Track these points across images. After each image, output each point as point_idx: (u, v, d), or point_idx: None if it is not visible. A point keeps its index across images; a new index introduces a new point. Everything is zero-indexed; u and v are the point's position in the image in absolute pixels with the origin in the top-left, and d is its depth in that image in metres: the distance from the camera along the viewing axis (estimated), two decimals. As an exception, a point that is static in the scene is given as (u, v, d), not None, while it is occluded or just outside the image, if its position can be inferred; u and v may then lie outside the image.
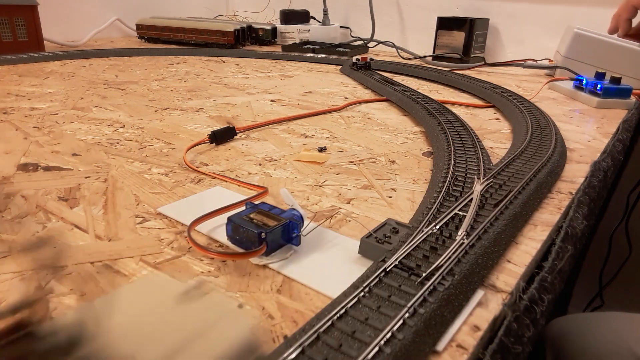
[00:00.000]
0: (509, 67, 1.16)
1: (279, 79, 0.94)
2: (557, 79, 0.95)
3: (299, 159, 0.48)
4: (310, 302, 0.26)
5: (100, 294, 0.26)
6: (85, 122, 0.59)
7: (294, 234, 0.30)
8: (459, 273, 0.26)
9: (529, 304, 0.25)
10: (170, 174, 0.43)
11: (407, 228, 0.31)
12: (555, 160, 0.45)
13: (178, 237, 0.32)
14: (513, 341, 0.23)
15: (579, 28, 0.92)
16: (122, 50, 1.19)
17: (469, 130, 0.53)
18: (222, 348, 0.20)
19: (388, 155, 0.50)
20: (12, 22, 1.01)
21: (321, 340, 0.21)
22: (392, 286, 0.25)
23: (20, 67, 0.97)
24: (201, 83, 0.87)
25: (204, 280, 0.26)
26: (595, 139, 0.58)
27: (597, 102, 0.74)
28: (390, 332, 0.21)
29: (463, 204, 0.34)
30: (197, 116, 0.64)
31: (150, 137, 0.54)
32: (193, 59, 1.18)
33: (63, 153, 0.48)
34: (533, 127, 0.55)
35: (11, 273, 0.28)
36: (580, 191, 0.40)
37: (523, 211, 0.35)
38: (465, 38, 1.13)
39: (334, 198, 0.39)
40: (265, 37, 1.41)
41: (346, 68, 1.02)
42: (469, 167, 0.42)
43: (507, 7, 1.24)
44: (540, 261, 0.31)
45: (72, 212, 0.35)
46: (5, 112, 0.63)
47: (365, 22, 1.46)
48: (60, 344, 0.18)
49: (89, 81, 0.85)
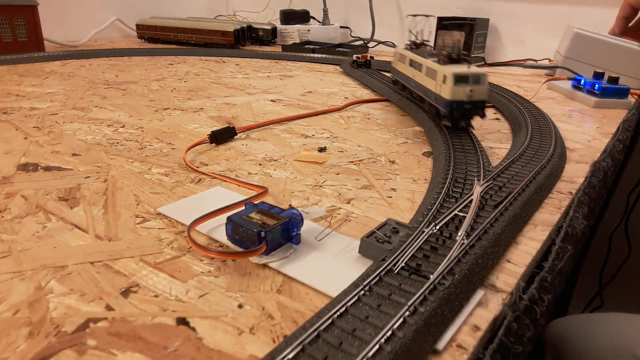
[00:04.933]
0: (508, 67, 1.16)
1: (279, 79, 0.94)
2: (555, 78, 0.95)
3: (299, 159, 0.48)
4: (310, 302, 0.26)
5: (101, 294, 0.26)
6: (85, 122, 0.60)
7: (293, 233, 0.30)
8: (459, 272, 0.26)
9: (529, 304, 0.25)
10: (170, 174, 0.43)
11: (407, 228, 0.31)
12: (555, 161, 0.45)
13: (178, 237, 0.32)
14: (513, 341, 0.23)
15: (578, 28, 0.92)
16: (122, 50, 1.19)
17: (469, 130, 0.53)
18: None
19: (388, 155, 0.50)
20: (12, 22, 1.01)
21: (321, 338, 0.21)
22: (392, 285, 0.25)
23: (20, 67, 0.97)
24: (201, 83, 0.87)
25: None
26: (595, 139, 0.58)
27: (595, 102, 0.74)
28: (391, 330, 0.21)
29: (463, 205, 0.34)
30: (197, 116, 0.64)
31: (150, 137, 0.54)
32: (193, 59, 1.18)
33: (63, 153, 0.48)
34: (533, 127, 0.55)
35: (11, 273, 0.28)
36: (580, 191, 0.40)
37: (523, 212, 0.35)
38: (465, 38, 1.13)
39: (334, 198, 0.39)
40: (265, 37, 1.41)
41: (346, 66, 1.02)
42: (468, 168, 0.42)
43: (507, 7, 1.24)
44: (540, 261, 0.31)
45: (72, 212, 0.35)
46: (5, 112, 0.63)
47: (365, 22, 1.46)
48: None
49: (89, 81, 0.85)
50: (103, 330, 0.23)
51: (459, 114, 0.51)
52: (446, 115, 0.52)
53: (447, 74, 0.50)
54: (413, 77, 0.64)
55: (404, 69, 0.68)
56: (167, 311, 0.24)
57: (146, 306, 0.25)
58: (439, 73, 0.52)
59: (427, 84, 0.57)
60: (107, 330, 0.23)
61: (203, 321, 0.24)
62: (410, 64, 0.65)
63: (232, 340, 0.23)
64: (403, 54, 0.68)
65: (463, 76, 0.49)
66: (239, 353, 0.22)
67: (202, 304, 0.25)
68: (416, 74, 0.62)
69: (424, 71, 0.59)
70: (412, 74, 0.64)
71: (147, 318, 0.24)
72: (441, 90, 0.52)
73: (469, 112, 0.51)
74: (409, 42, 0.70)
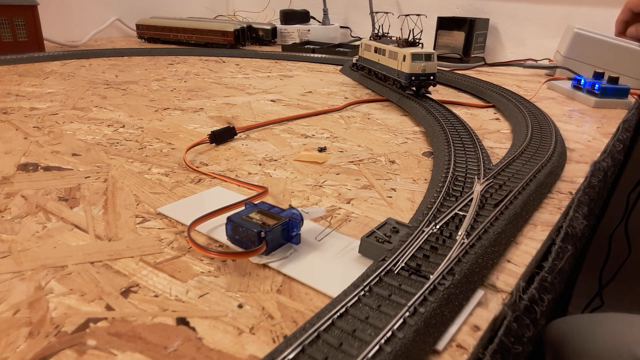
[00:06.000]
0: (509, 67, 1.16)
1: (279, 79, 0.94)
2: (555, 78, 0.95)
3: (299, 159, 0.48)
4: (310, 302, 0.26)
5: (101, 294, 0.26)
6: (85, 122, 0.60)
7: (293, 233, 0.30)
8: (459, 272, 0.26)
9: (529, 304, 0.25)
10: (170, 174, 0.43)
11: (407, 228, 0.31)
12: (555, 161, 0.45)
13: (178, 237, 0.32)
14: (513, 341, 0.23)
15: (579, 28, 0.92)
16: (122, 50, 1.19)
17: (469, 130, 0.53)
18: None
19: (388, 155, 0.50)
20: (12, 22, 1.01)
21: (321, 339, 0.21)
22: (392, 285, 0.25)
23: (20, 67, 0.97)
24: (201, 83, 0.87)
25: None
26: (595, 138, 0.58)
27: (595, 102, 0.74)
28: (391, 331, 0.21)
29: (463, 204, 0.34)
30: (197, 116, 0.64)
31: (150, 137, 0.54)
32: (193, 59, 1.18)
33: (63, 153, 0.48)
34: (533, 127, 0.55)
35: (11, 273, 0.28)
36: (580, 191, 0.40)
37: (523, 211, 0.35)
38: (465, 38, 1.13)
39: (334, 198, 0.39)
40: (265, 37, 1.41)
41: (346, 69, 1.02)
42: (469, 167, 0.42)
43: (507, 7, 1.24)
44: (540, 261, 0.31)
45: (72, 212, 0.35)
46: (5, 112, 0.63)
47: (365, 22, 1.46)
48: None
49: (89, 81, 0.85)
50: (103, 330, 0.23)
51: (416, 84, 0.68)
52: (407, 86, 0.68)
53: (406, 54, 0.67)
54: (378, 60, 0.79)
55: (370, 56, 0.83)
56: (167, 311, 0.24)
57: (146, 306, 0.25)
58: (400, 54, 0.69)
59: (390, 64, 0.73)
60: (107, 330, 0.23)
61: (203, 321, 0.24)
62: (375, 51, 0.80)
63: (232, 340, 0.23)
64: (368, 43, 0.83)
65: (418, 54, 0.66)
66: (239, 353, 0.22)
67: (202, 304, 0.25)
68: (380, 58, 0.78)
69: (387, 54, 0.74)
70: (377, 59, 0.80)
71: (147, 318, 0.24)
72: (402, 67, 0.68)
73: (424, 82, 0.68)
74: (373, 34, 0.84)
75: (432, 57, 0.67)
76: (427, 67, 0.67)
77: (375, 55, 0.80)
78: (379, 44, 0.77)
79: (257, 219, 0.30)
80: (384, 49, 0.75)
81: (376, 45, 0.79)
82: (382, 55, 0.76)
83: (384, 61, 0.76)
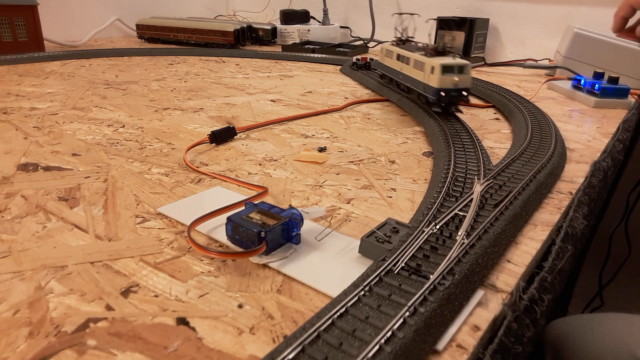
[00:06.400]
0: (509, 67, 1.16)
1: (279, 79, 0.94)
2: (555, 78, 0.95)
3: (299, 159, 0.48)
4: (310, 302, 0.26)
5: (101, 294, 0.26)
6: (85, 122, 0.60)
7: (293, 233, 0.30)
8: (459, 272, 0.26)
9: (529, 304, 0.25)
10: (170, 174, 0.43)
11: (407, 228, 0.31)
12: (555, 161, 0.45)
13: (178, 237, 0.32)
14: (513, 341, 0.23)
15: (579, 28, 0.92)
16: (122, 50, 1.19)
17: (469, 130, 0.53)
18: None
19: (388, 155, 0.50)
20: (12, 22, 1.01)
21: (321, 339, 0.21)
22: (392, 285, 0.25)
23: (20, 67, 0.97)
24: (201, 83, 0.87)
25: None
26: (595, 139, 0.58)
27: (595, 102, 0.74)
28: (391, 331, 0.21)
29: (463, 204, 0.34)
30: (197, 116, 0.64)
31: (150, 137, 0.54)
32: (193, 59, 1.18)
33: (63, 153, 0.48)
34: (533, 127, 0.55)
35: (11, 273, 0.28)
36: (580, 191, 0.40)
37: (523, 211, 0.35)
38: (465, 38, 1.13)
39: (334, 198, 0.39)
40: (265, 37, 1.41)
41: (346, 68, 1.02)
42: (469, 168, 0.42)
43: (507, 7, 1.24)
44: (540, 261, 0.31)
45: (72, 212, 0.35)
46: (5, 112, 0.63)
47: (365, 22, 1.46)
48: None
49: (89, 81, 0.85)
50: (103, 330, 0.23)
51: (446, 100, 0.57)
52: (435, 102, 0.57)
53: (435, 65, 0.56)
54: (401, 70, 0.69)
55: (391, 64, 0.73)
56: (167, 311, 0.24)
57: (146, 306, 0.25)
58: (427, 64, 0.58)
59: (415, 75, 0.63)
60: (107, 330, 0.23)
61: (203, 321, 0.24)
62: (397, 58, 0.70)
63: (232, 340, 0.23)
64: (390, 49, 0.73)
65: (449, 66, 0.55)
66: (239, 353, 0.22)
67: (202, 304, 0.25)
68: (404, 67, 0.67)
69: (411, 64, 0.64)
70: (399, 67, 0.69)
71: (147, 318, 0.24)
72: (429, 80, 0.57)
73: (455, 99, 0.57)
74: (395, 38, 0.75)
75: (465, 69, 0.56)
76: (460, 82, 0.56)
77: (398, 63, 0.70)
78: (403, 50, 0.67)
79: (257, 219, 0.30)
80: (409, 57, 0.65)
81: (399, 52, 0.69)
82: (406, 64, 0.66)
83: (407, 71, 0.66)
